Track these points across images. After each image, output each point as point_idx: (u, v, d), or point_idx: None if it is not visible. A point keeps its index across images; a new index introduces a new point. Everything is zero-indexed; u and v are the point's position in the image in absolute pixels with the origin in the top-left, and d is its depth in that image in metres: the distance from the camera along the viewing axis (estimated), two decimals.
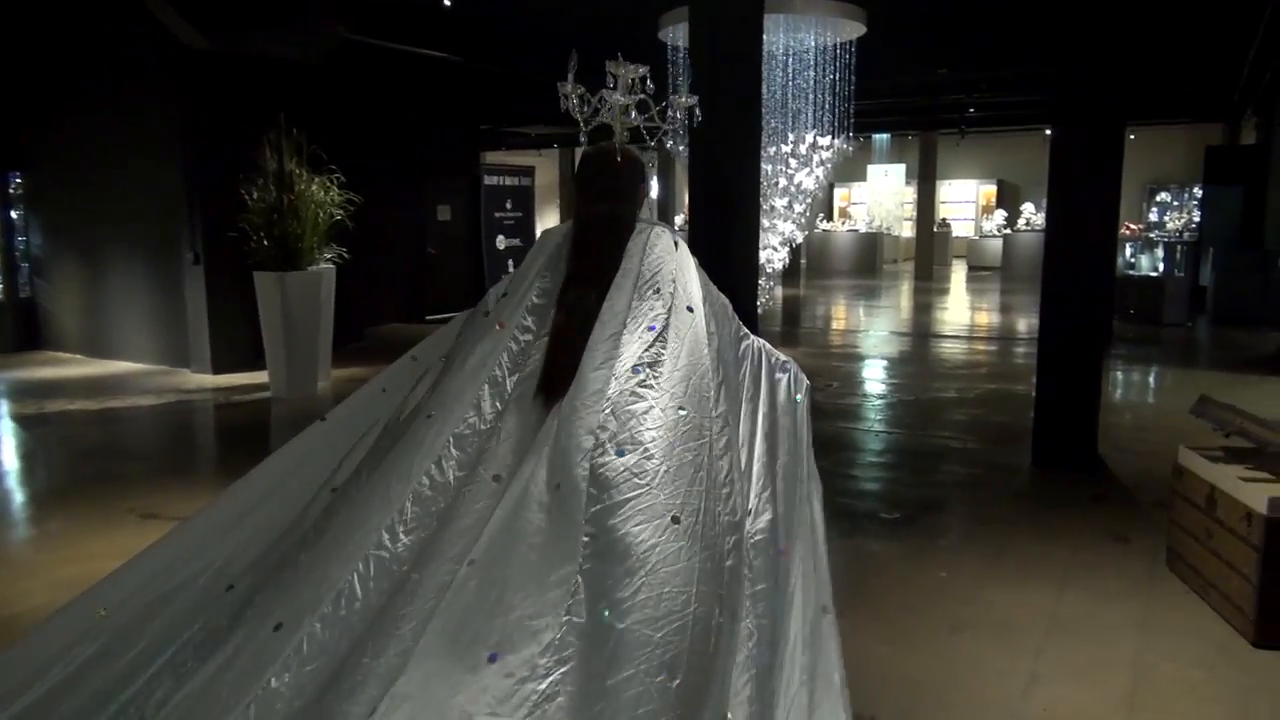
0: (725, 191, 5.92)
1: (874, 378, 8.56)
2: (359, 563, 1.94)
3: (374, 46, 9.32)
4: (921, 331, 11.69)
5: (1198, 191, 17.05)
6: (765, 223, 8.23)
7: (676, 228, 5.93)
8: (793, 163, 8.09)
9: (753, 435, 2.24)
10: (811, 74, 8.17)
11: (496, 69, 10.90)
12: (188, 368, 8.68)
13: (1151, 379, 8.67)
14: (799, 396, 2.36)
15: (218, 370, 8.50)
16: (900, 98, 13.97)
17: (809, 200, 8.45)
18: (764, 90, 8.36)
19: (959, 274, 20.72)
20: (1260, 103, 13.26)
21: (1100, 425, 5.57)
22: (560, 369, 2.12)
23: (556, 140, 18.16)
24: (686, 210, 6.54)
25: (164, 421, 6.90)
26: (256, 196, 7.39)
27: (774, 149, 8.00)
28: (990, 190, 24.38)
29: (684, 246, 2.31)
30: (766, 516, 2.13)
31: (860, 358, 9.65)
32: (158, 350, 9.02)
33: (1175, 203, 21.28)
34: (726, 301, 2.36)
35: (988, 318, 13.39)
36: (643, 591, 1.76)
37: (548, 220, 22.73)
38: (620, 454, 1.90)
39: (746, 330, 2.39)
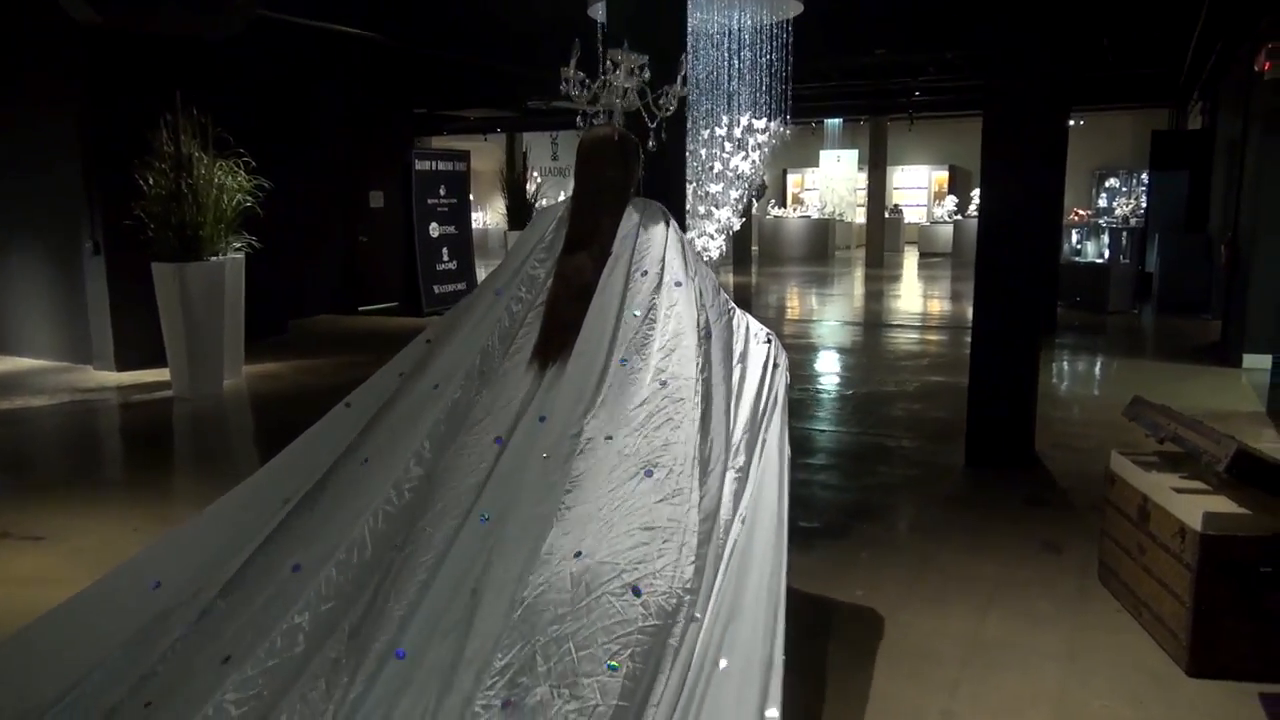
0: (648, 177, 5.56)
1: (816, 371, 8.28)
2: (369, 516, 2.15)
3: (293, 24, 8.81)
4: (867, 321, 11.45)
5: (1146, 177, 17.01)
6: (700, 209, 7.90)
7: None
8: (728, 146, 7.76)
9: (739, 396, 2.39)
10: (747, 54, 7.83)
11: (423, 48, 10.43)
12: (90, 364, 8.16)
13: (1093, 369, 8.49)
14: (777, 364, 2.52)
15: (122, 367, 7.99)
16: (846, 80, 13.71)
17: (748, 186, 8.13)
18: (698, 71, 8.02)
19: (911, 260, 20.59)
20: (1205, 87, 13.18)
21: (1039, 419, 5.33)
22: (556, 337, 2.29)
23: (500, 124, 17.66)
24: None
25: (51, 425, 6.40)
26: (153, 182, 6.89)
27: (708, 132, 7.67)
28: (942, 176, 24.29)
29: (674, 223, 2.49)
30: (740, 462, 2.27)
31: (805, 349, 9.37)
32: (58, 346, 8.47)
33: (1123, 188, 21.32)
34: (713, 275, 2.52)
35: (934, 305, 13.21)
36: (614, 531, 1.96)
37: (495, 208, 22.23)
38: (609, 439, 2.09)
39: (733, 305, 2.57)
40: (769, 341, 2.56)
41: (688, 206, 8.05)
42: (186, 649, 2.14)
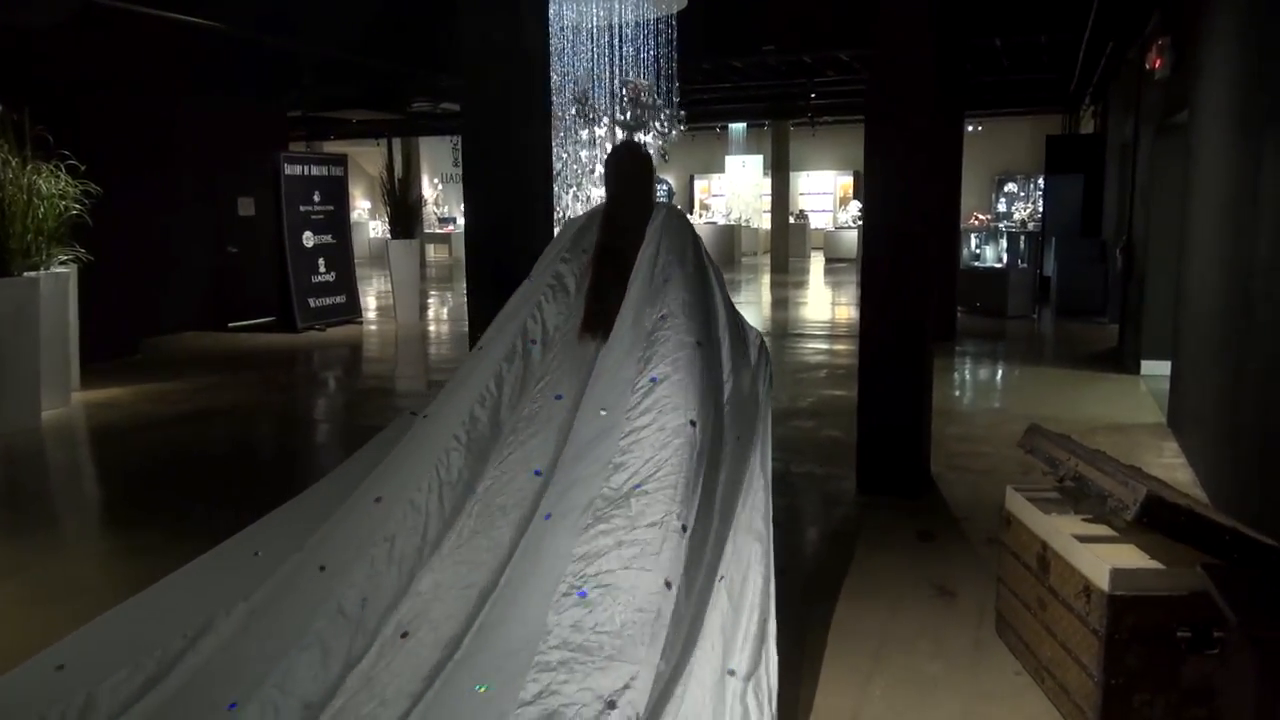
0: (504, 178, 5.03)
1: None
2: (431, 469, 2.50)
3: (130, 12, 7.95)
4: (769, 330, 11.08)
5: (1042, 181, 17.17)
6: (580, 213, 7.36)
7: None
8: (609, 146, 7.25)
9: (754, 381, 2.82)
10: (628, 49, 7.33)
11: (282, 43, 9.66)
12: None
13: (993, 378, 8.24)
14: (767, 367, 2.93)
15: None
16: (743, 82, 13.38)
17: None
18: (576, 67, 7.51)
19: (816, 266, 20.46)
20: (1097, 90, 13.25)
21: (935, 436, 4.95)
22: (603, 311, 2.67)
23: (390, 128, 16.87)
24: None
25: None
26: None
27: (587, 132, 7.14)
28: (847, 182, 24.31)
29: (689, 222, 2.94)
30: (757, 436, 2.70)
31: None
32: None
33: (1022, 193, 21.62)
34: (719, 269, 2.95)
35: (837, 313, 12.95)
36: (662, 469, 2.26)
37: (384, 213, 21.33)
38: (655, 380, 2.42)
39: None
40: (761, 345, 2.90)
41: (568, 211, 7.53)
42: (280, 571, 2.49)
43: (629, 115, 2.78)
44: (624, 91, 2.67)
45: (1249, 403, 3.85)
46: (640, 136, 2.84)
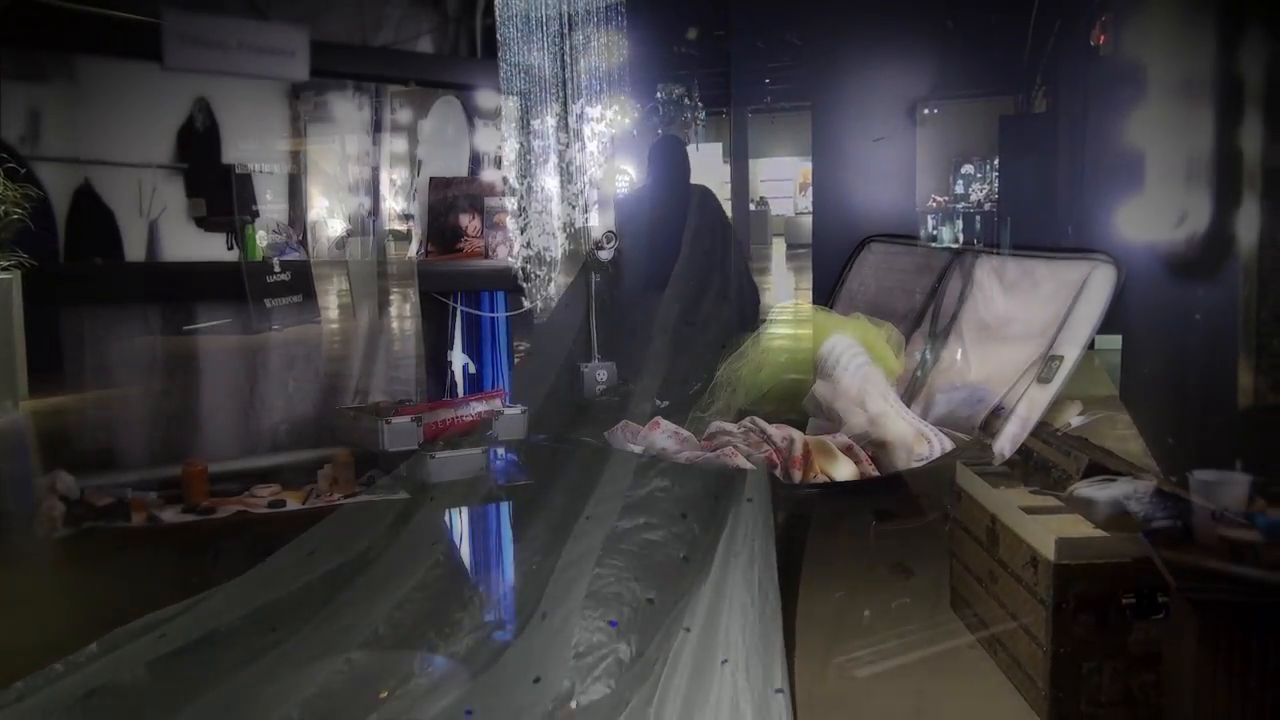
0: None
1: None
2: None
3: (61, 9, 7.73)
4: None
5: (999, 162, 17.30)
6: (538, 206, 7.29)
7: None
8: (563, 136, 7.15)
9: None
10: (579, 37, 7.26)
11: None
12: None
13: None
14: None
15: None
16: (699, 69, 13.34)
17: (586, 179, 7.56)
18: (527, 58, 7.43)
19: (778, 252, 20.49)
20: (1047, 71, 13.38)
21: None
22: (663, 267, 3.46)
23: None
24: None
25: None
26: None
27: (538, 121, 7.05)
28: (807, 168, 24.38)
29: (719, 202, 3.84)
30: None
31: None
32: None
33: (978, 174, 21.81)
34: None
35: (796, 298, 12.99)
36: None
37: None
38: (689, 323, 3.31)
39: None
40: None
41: (523, 204, 7.46)
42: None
43: (668, 114, 4.09)
44: (661, 94, 4.10)
45: (1192, 373, 3.91)
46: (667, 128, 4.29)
